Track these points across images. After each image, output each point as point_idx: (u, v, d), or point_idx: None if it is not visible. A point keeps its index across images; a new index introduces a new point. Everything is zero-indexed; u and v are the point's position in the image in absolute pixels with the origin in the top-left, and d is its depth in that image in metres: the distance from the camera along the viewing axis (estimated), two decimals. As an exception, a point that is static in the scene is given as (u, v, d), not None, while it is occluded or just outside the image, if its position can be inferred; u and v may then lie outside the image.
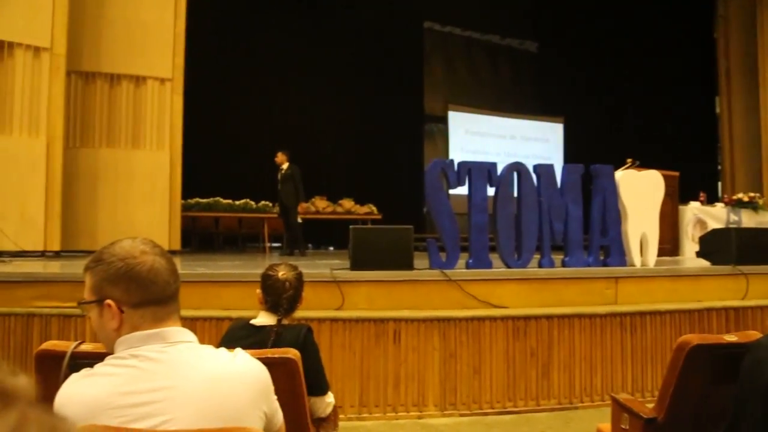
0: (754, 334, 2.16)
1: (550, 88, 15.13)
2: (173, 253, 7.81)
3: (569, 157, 14.59)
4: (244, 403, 1.27)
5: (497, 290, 4.77)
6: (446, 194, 5.05)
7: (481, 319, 4.48)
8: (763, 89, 14.46)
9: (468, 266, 4.96)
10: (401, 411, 4.31)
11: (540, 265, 5.17)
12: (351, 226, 4.90)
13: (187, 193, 9.54)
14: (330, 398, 2.44)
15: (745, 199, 8.78)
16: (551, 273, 5.03)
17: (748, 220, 8.37)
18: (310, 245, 11.98)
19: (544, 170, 5.29)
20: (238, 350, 1.36)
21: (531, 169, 5.27)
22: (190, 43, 8.93)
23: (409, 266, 4.74)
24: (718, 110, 15.95)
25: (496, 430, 4.20)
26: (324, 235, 11.75)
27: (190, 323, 4.10)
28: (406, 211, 10.76)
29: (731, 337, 2.24)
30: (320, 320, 4.24)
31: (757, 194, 9.39)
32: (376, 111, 12.62)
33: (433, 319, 4.40)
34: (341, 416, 4.16)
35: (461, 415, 4.39)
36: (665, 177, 6.09)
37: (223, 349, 1.34)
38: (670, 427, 2.27)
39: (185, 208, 9.78)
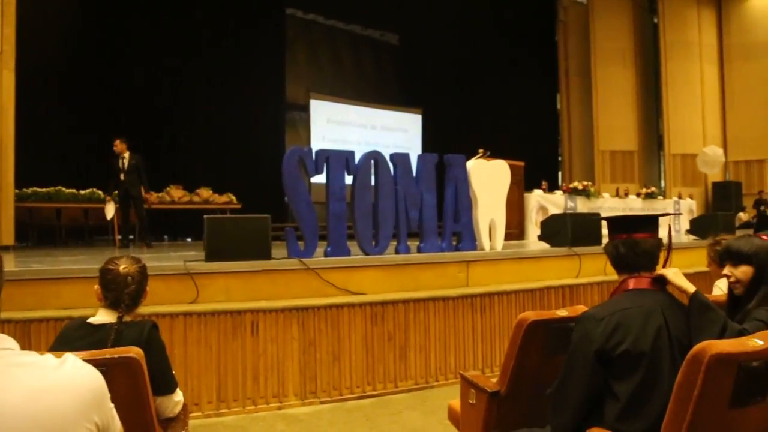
0: (581, 308, 2.37)
1: (409, 80, 15.57)
2: (5, 249, 7.02)
3: (427, 147, 15.15)
4: (70, 417, 1.14)
5: (355, 277, 4.83)
6: (304, 183, 5.01)
7: (339, 306, 4.51)
8: (594, 90, 16.05)
9: (326, 254, 4.97)
10: (261, 403, 4.24)
11: (397, 252, 5.32)
12: (205, 216, 4.69)
13: (23, 181, 8.61)
14: (178, 397, 2.32)
15: (580, 187, 9.68)
16: (407, 259, 5.19)
17: (582, 206, 9.22)
18: (166, 237, 11.36)
19: (401, 159, 5.42)
20: (67, 355, 1.22)
21: (388, 158, 5.38)
22: (25, 13, 8.00)
23: (267, 256, 4.64)
24: (558, 107, 17.43)
25: (356, 414, 4.26)
26: (180, 226, 11.19)
27: (21, 326, 3.72)
28: (268, 201, 10.54)
29: (563, 312, 2.45)
30: (173, 315, 4.03)
31: (590, 183, 10.40)
32: (236, 97, 12.21)
33: (292, 308, 4.36)
34: (198, 413, 4.01)
35: (322, 403, 4.40)
36: (512, 167, 6.51)
37: (48, 356, 1.20)
38: (511, 398, 2.43)
39: (20, 198, 8.82)
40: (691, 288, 2.04)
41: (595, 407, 1.97)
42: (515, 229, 8.06)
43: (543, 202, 8.64)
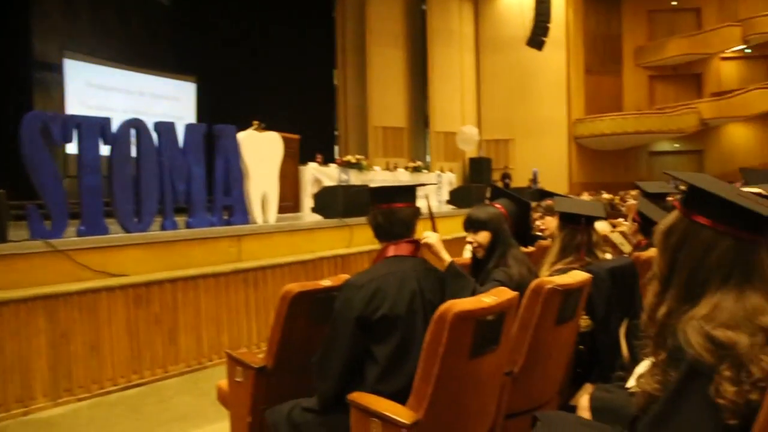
0: (345, 277, 2.42)
1: (182, 45, 14.57)
2: None
3: (201, 117, 14.37)
4: None
5: (116, 257, 4.39)
6: (49, 153, 4.35)
7: (96, 291, 4.06)
8: (369, 68, 16.70)
9: (79, 233, 4.41)
10: (1, 412, 3.65)
11: (162, 228, 4.94)
12: None
13: None
14: None
15: (353, 160, 10.03)
16: (175, 235, 4.85)
17: (355, 178, 9.57)
18: None
19: (165, 128, 5.02)
20: None
21: (151, 127, 4.95)
22: None
23: (2, 238, 3.98)
24: (336, 82, 17.81)
25: (120, 407, 3.92)
26: None
27: None
28: (11, 174, 9.09)
29: (327, 282, 2.47)
30: None
31: (363, 156, 10.84)
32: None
33: (36, 297, 3.80)
34: None
35: (79, 400, 3.95)
36: (288, 140, 6.47)
37: None
38: (279, 371, 2.40)
39: None
40: (447, 258, 2.20)
41: (356, 372, 2.03)
42: (290, 201, 8.09)
43: (318, 175, 8.78)
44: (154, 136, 4.92)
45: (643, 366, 1.46)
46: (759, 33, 20.22)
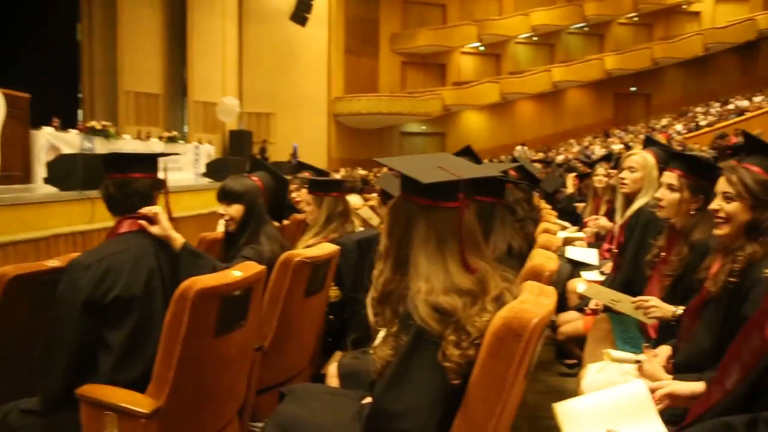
0: (74, 257, 2.16)
1: None
2: None
3: None
4: None
5: None
6: None
7: None
8: (119, 25, 15.08)
9: None
10: None
11: None
12: None
13: None
14: None
15: (99, 127, 9.07)
16: None
17: (101, 147, 8.65)
18: None
19: None
20: None
21: None
22: None
23: None
24: (79, 38, 15.74)
25: None
26: None
27: None
28: None
29: (54, 263, 2.18)
30: None
31: (110, 123, 9.85)
32: None
33: None
34: None
35: None
36: (13, 98, 5.60)
37: None
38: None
39: None
40: (179, 239, 2.02)
41: (88, 362, 1.83)
42: (19, 171, 7.03)
43: (54, 142, 7.72)
44: None
45: (380, 335, 1.57)
46: (490, 34, 23.32)
